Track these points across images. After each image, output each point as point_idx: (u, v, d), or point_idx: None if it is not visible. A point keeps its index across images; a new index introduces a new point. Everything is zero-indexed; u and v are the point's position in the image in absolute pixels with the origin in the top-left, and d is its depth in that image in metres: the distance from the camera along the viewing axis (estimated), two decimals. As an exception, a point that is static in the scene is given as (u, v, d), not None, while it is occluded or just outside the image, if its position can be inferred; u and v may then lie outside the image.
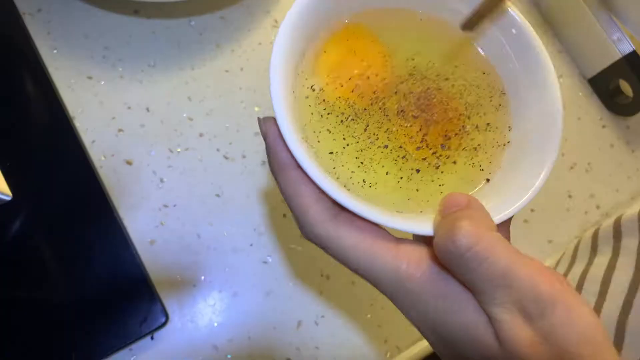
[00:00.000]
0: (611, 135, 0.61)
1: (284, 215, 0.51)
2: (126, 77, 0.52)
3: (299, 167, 0.26)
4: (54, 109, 0.50)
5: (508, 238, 0.29)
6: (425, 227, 0.26)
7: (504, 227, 0.29)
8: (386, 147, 0.30)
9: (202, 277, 0.48)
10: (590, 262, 0.46)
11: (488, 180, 0.30)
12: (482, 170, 0.31)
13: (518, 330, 0.23)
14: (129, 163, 0.50)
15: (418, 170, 0.30)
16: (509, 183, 0.29)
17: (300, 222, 0.27)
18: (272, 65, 0.27)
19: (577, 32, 0.60)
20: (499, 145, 0.31)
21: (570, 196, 0.58)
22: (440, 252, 0.24)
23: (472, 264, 0.23)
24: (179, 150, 0.51)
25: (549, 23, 0.63)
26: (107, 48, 0.52)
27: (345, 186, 0.29)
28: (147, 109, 0.52)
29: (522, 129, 0.31)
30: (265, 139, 0.28)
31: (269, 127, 0.27)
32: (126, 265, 0.47)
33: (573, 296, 0.23)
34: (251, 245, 0.50)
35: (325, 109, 0.30)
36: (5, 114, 0.50)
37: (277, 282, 0.49)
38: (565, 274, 0.48)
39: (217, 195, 0.50)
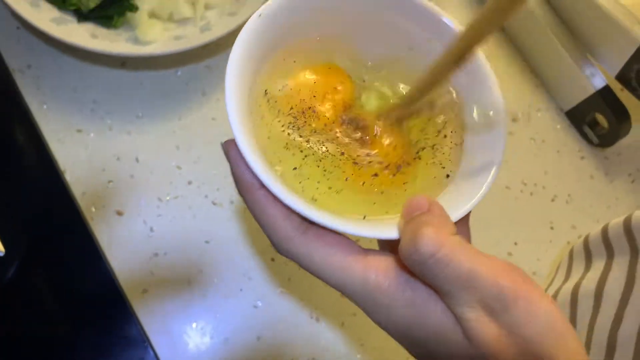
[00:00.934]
0: (590, 167, 0.62)
1: (273, 259, 0.52)
2: (115, 129, 0.54)
3: (264, 186, 0.27)
4: (45, 163, 0.52)
5: (468, 233, 0.31)
6: (391, 231, 0.27)
7: (464, 223, 0.31)
8: (342, 154, 0.31)
9: (194, 325, 0.49)
10: (583, 276, 0.47)
11: (448, 175, 0.32)
12: (443, 167, 0.32)
13: (484, 327, 0.24)
14: (119, 213, 0.51)
15: (376, 175, 0.31)
16: (466, 180, 0.31)
17: (271, 240, 0.28)
18: (227, 87, 0.28)
19: (552, 67, 0.62)
20: (455, 145, 0.33)
21: (552, 228, 0.59)
22: (405, 260, 0.25)
23: (436, 270, 0.24)
24: (168, 198, 0.52)
25: (526, 59, 0.65)
26: (95, 101, 0.54)
27: (313, 198, 0.29)
28: (136, 159, 0.53)
29: (474, 130, 0.33)
30: (228, 160, 0.28)
31: (229, 149, 0.28)
32: (119, 315, 0.48)
33: (533, 289, 0.25)
34: (241, 290, 0.51)
35: (282, 124, 0.31)
36: (-3, 169, 0.51)
37: (268, 326, 0.50)
38: (560, 287, 0.49)
39: (207, 242, 0.52)
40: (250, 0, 0.54)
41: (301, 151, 0.31)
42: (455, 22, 0.32)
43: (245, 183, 0.28)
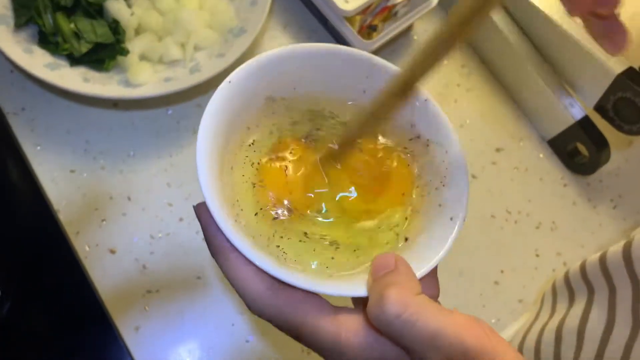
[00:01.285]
0: (573, 194, 0.64)
1: (264, 293, 0.53)
2: (107, 169, 0.55)
3: (235, 248, 0.28)
4: (39, 203, 0.53)
5: (436, 286, 0.32)
6: (359, 289, 0.28)
7: (432, 276, 0.31)
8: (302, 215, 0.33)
9: (187, 360, 0.50)
10: (567, 313, 0.48)
11: (407, 239, 0.33)
12: (398, 235, 0.33)
13: None
14: (112, 252, 0.52)
15: (336, 247, 0.32)
16: (429, 237, 0.32)
17: (244, 300, 0.29)
18: (198, 150, 0.29)
19: (532, 98, 0.64)
20: (421, 197, 0.34)
21: (537, 255, 0.61)
22: (372, 320, 0.26)
23: (402, 330, 0.25)
24: (160, 235, 0.53)
25: (507, 90, 0.67)
26: (88, 142, 0.55)
27: (286, 252, 0.31)
28: (129, 198, 0.54)
29: (434, 186, 0.34)
30: (200, 222, 0.29)
31: (201, 212, 0.29)
32: (113, 351, 0.49)
33: (497, 343, 0.25)
34: (233, 325, 0.52)
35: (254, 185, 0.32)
36: (-9, 211, 0.52)
37: (260, 360, 0.51)
38: (546, 323, 0.50)
39: (199, 278, 0.53)
40: (238, 42, 0.56)
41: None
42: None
43: (216, 246, 0.28)
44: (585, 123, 0.61)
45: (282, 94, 0.34)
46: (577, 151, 0.64)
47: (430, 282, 0.31)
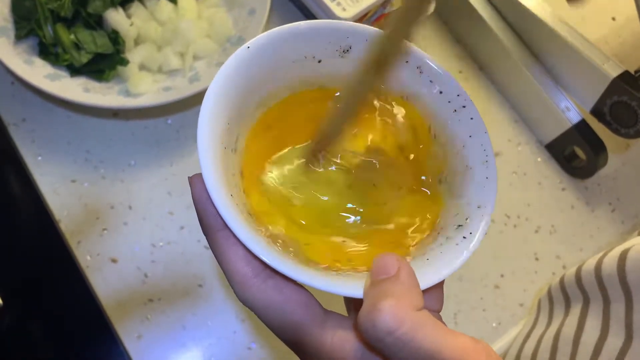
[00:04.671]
0: (571, 197, 0.64)
1: (265, 301, 0.53)
2: (108, 178, 0.55)
3: (226, 226, 0.25)
4: (40, 213, 0.53)
5: (440, 300, 0.29)
6: (355, 289, 0.25)
7: (437, 287, 0.29)
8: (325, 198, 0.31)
9: (189, 369, 0.50)
10: (563, 322, 0.48)
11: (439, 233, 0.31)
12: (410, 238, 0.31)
13: None
14: (114, 261, 0.52)
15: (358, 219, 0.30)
16: (448, 241, 0.29)
17: (230, 285, 0.26)
18: (201, 117, 0.27)
19: (528, 102, 0.65)
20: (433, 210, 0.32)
21: (537, 259, 0.61)
22: (362, 333, 0.23)
23: (393, 349, 0.22)
24: (161, 244, 0.54)
25: (504, 94, 0.68)
26: (88, 151, 0.56)
27: (278, 238, 0.28)
28: (130, 207, 0.54)
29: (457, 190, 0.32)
30: (192, 195, 0.26)
31: (195, 182, 0.26)
32: (115, 361, 0.49)
33: None
34: (235, 332, 0.52)
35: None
36: (-7, 221, 0.52)
37: (262, 367, 0.51)
38: (544, 332, 0.50)
39: (200, 286, 0.53)
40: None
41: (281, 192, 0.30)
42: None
43: (209, 222, 0.26)
44: (582, 127, 0.61)
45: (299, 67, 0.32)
46: (575, 155, 0.64)
47: (434, 294, 0.28)
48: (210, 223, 0.26)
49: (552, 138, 0.64)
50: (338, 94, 0.33)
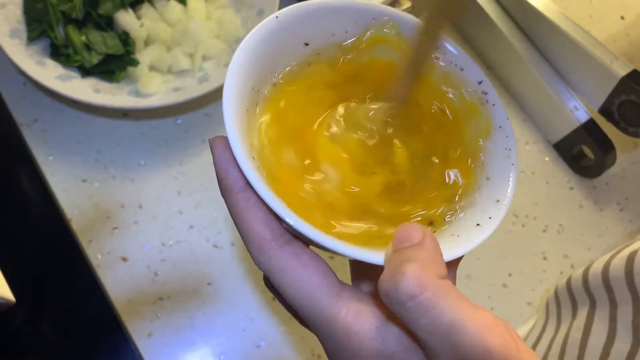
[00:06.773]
0: (579, 197, 0.64)
1: (274, 299, 0.53)
2: (118, 177, 0.56)
3: (249, 187, 0.25)
4: (51, 213, 0.54)
5: (453, 280, 0.28)
6: (376, 255, 0.25)
7: (452, 267, 0.28)
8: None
9: (199, 366, 0.50)
10: (571, 325, 0.48)
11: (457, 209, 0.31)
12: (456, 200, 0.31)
13: None
14: (124, 259, 0.53)
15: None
16: (471, 217, 0.29)
17: (247, 248, 0.26)
18: (227, 80, 0.26)
19: (536, 102, 0.65)
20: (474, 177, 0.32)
21: (545, 258, 0.61)
22: (383, 296, 0.22)
23: (414, 314, 0.21)
24: (171, 243, 0.54)
25: (512, 94, 0.68)
26: (99, 151, 0.56)
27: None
28: (140, 206, 0.55)
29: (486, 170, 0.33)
30: (213, 156, 0.26)
31: (217, 143, 0.25)
32: (126, 359, 0.50)
33: (526, 352, 0.22)
34: (244, 330, 0.52)
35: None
36: (4, 220, 0.53)
37: (271, 365, 0.51)
38: (554, 337, 0.50)
39: (209, 284, 0.53)
40: (245, 51, 0.57)
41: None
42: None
43: (230, 181, 0.25)
44: (590, 126, 0.61)
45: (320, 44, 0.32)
46: (583, 154, 0.64)
47: (448, 275, 0.27)
48: (231, 184, 0.25)
49: (560, 137, 0.64)
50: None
